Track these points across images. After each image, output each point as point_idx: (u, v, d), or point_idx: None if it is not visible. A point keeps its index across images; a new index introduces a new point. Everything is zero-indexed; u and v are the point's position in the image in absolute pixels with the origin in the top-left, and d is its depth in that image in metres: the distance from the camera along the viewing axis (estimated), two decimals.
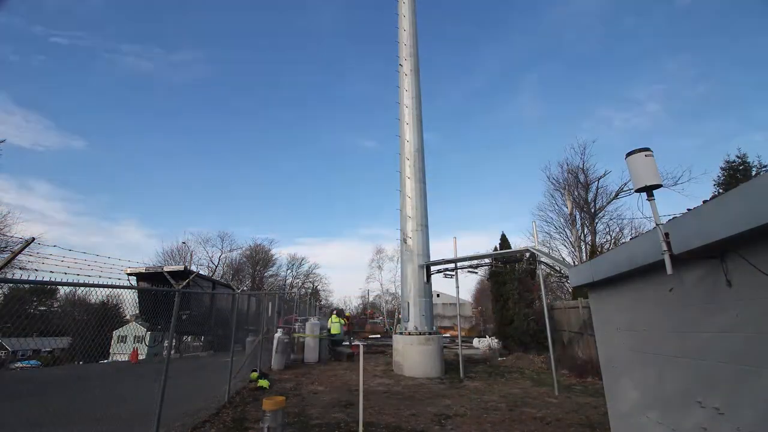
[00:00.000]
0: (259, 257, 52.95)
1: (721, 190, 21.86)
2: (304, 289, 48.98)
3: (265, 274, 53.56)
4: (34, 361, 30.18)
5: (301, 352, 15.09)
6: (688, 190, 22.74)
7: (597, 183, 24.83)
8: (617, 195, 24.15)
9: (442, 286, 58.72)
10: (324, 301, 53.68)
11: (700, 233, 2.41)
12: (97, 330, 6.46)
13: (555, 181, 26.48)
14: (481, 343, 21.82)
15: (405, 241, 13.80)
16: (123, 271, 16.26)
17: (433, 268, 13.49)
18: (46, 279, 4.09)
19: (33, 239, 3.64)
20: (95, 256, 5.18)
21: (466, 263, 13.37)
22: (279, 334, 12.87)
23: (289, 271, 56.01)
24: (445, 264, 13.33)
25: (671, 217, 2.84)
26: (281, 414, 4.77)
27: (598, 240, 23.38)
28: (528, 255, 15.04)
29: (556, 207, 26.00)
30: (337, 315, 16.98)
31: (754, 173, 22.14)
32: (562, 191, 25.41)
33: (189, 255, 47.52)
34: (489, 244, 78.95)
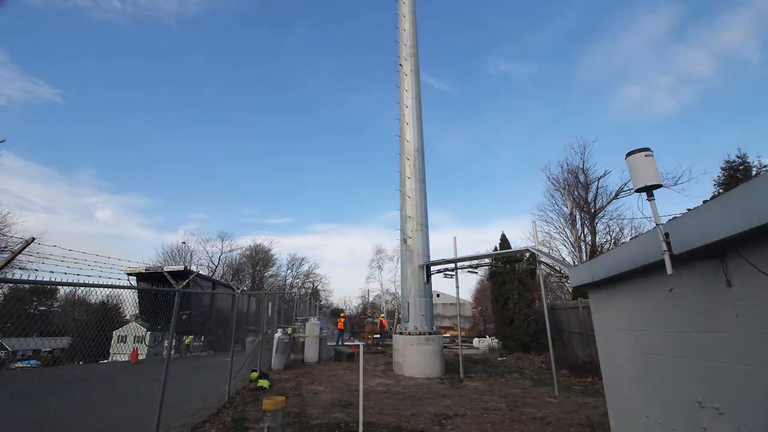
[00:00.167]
0: (259, 257, 52.95)
1: (721, 190, 21.84)
2: (304, 289, 48.97)
3: (265, 274, 53.55)
4: (34, 361, 30.18)
5: (301, 352, 15.11)
6: (688, 190, 22.76)
7: (597, 183, 24.85)
8: (617, 195, 24.16)
9: (442, 286, 58.75)
10: (324, 301, 53.66)
11: (700, 233, 2.41)
12: (97, 330, 6.46)
13: (555, 181, 26.51)
14: (481, 343, 21.85)
15: (405, 241, 13.80)
16: (123, 271, 16.29)
17: (433, 268, 13.49)
18: (46, 279, 4.09)
19: (33, 239, 3.64)
20: (95, 256, 5.19)
21: (466, 263, 13.37)
22: (279, 334, 12.88)
23: (289, 271, 56.03)
24: (445, 264, 13.33)
25: (671, 217, 2.84)
26: (281, 414, 4.78)
27: (598, 240, 23.39)
28: (528, 255, 15.04)
29: (556, 207, 26.02)
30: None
31: (754, 173, 22.15)
32: (562, 191, 25.43)
33: (189, 255, 47.57)
34: (489, 244, 78.90)
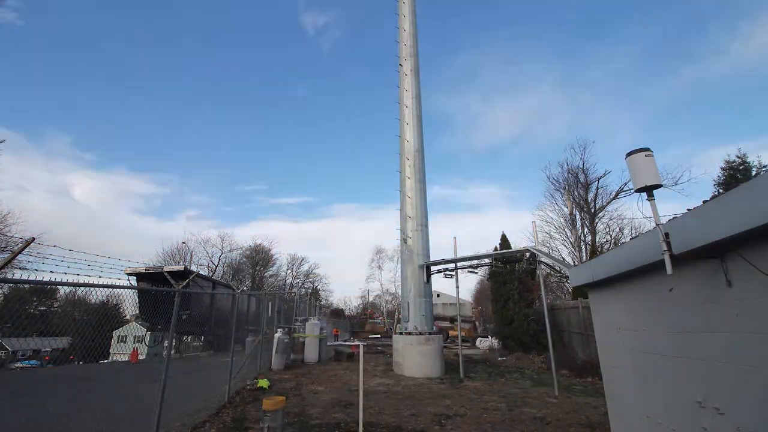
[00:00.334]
0: (259, 257, 52.96)
1: (721, 190, 21.84)
2: (304, 289, 48.96)
3: (265, 274, 53.55)
4: (34, 361, 30.17)
5: (301, 352, 15.11)
6: (688, 190, 22.74)
7: (597, 183, 24.85)
8: (617, 195, 24.16)
9: (442, 286, 58.67)
10: (324, 301, 53.66)
11: (700, 233, 2.41)
12: (97, 330, 6.46)
13: (555, 181, 26.50)
14: (482, 343, 21.89)
15: (405, 241, 13.80)
16: (123, 271, 16.30)
17: (433, 268, 13.49)
18: (46, 279, 4.09)
19: (33, 239, 3.64)
20: (95, 256, 5.19)
21: (466, 263, 13.37)
22: (279, 334, 12.88)
23: (289, 271, 56.02)
24: (445, 264, 13.33)
25: (671, 217, 2.84)
26: (281, 414, 4.78)
27: (598, 240, 23.38)
28: (528, 255, 15.05)
29: (556, 207, 26.01)
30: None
31: (754, 173, 22.15)
32: (562, 191, 25.42)
33: (189, 255, 47.54)
34: (489, 243, 78.78)
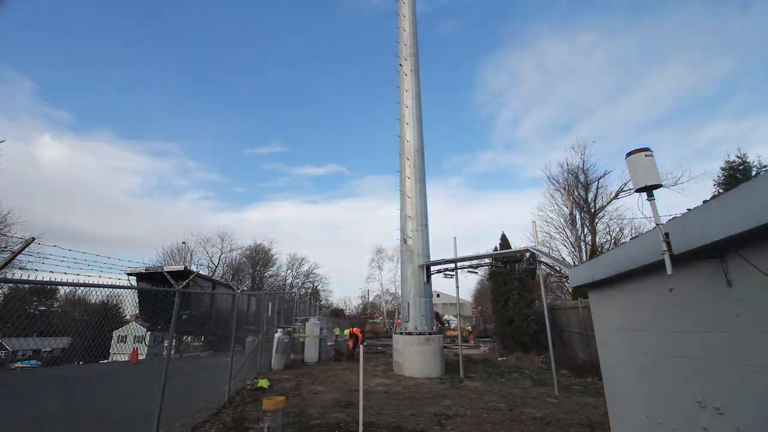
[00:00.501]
0: (259, 257, 52.95)
1: (721, 190, 21.84)
2: (304, 289, 48.95)
3: (265, 274, 53.53)
4: (34, 361, 30.15)
5: (301, 352, 15.11)
6: (688, 190, 22.70)
7: (597, 183, 24.86)
8: (617, 195, 24.17)
9: (442, 286, 58.72)
10: (324, 301, 53.65)
11: (700, 233, 2.41)
12: (97, 330, 6.46)
13: (555, 181, 26.50)
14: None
15: (405, 241, 13.80)
16: (123, 271, 16.32)
17: (433, 268, 13.49)
18: (46, 279, 4.09)
19: (33, 239, 3.64)
20: (95, 256, 5.19)
21: (466, 263, 13.37)
22: (279, 334, 12.88)
23: (289, 271, 56.02)
24: (445, 264, 13.33)
25: (671, 217, 2.84)
26: (281, 414, 4.78)
27: (598, 240, 23.38)
28: (528, 255, 15.04)
29: (556, 207, 26.00)
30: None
31: (754, 173, 22.14)
32: (562, 191, 25.43)
33: (189, 255, 47.54)
34: (489, 244, 78.68)
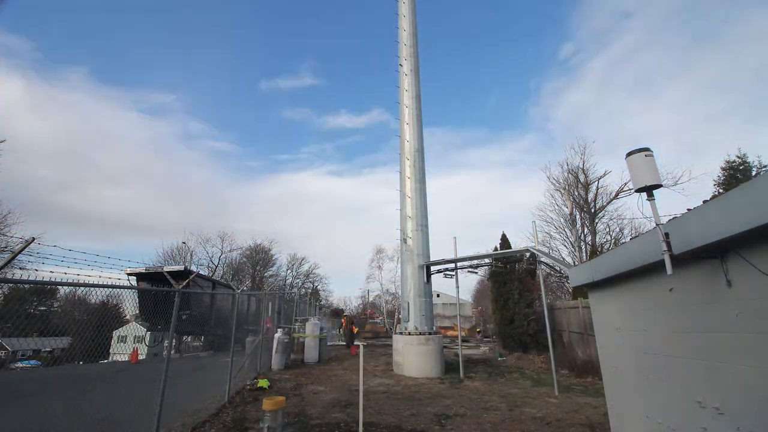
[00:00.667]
0: (259, 257, 52.95)
1: (721, 190, 21.85)
2: (304, 289, 48.96)
3: (265, 274, 53.52)
4: (34, 361, 30.16)
5: (301, 352, 15.11)
6: (688, 190, 22.72)
7: (597, 183, 24.88)
8: (617, 195, 24.18)
9: (442, 286, 58.60)
10: (324, 301, 53.65)
11: (700, 233, 2.41)
12: (97, 330, 6.46)
13: (555, 181, 26.52)
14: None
15: (405, 241, 13.80)
16: (123, 271, 16.32)
17: (433, 268, 13.49)
18: (46, 279, 4.08)
19: (33, 239, 3.64)
20: (95, 256, 5.18)
21: (466, 263, 13.36)
22: (279, 334, 12.87)
23: (289, 271, 56.01)
24: (445, 264, 13.32)
25: (671, 217, 2.84)
26: (281, 414, 4.77)
27: (598, 240, 23.40)
28: (528, 255, 15.03)
29: (556, 207, 26.02)
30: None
31: (754, 173, 22.16)
32: (562, 191, 25.43)
33: (189, 255, 47.52)
34: (489, 244, 78.53)
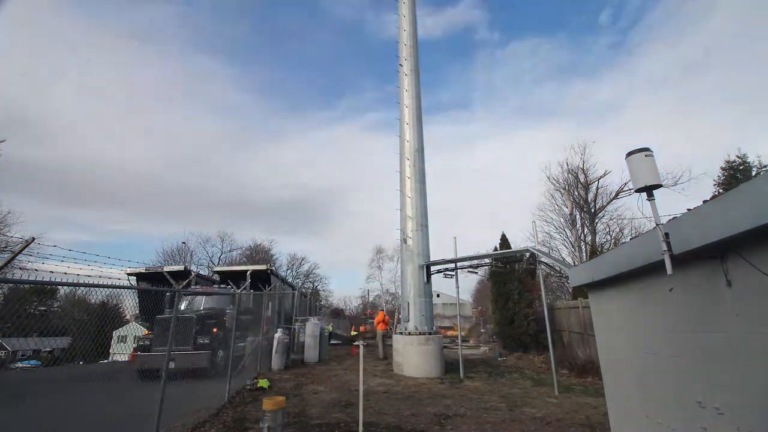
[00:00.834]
0: (259, 257, 52.96)
1: (721, 190, 21.87)
2: (304, 289, 48.94)
3: None
4: (34, 361, 30.17)
5: (301, 352, 15.11)
6: (688, 190, 22.74)
7: (597, 183, 24.92)
8: (617, 195, 24.22)
9: (442, 286, 58.54)
10: (324, 301, 53.65)
11: (700, 233, 2.40)
12: (97, 330, 6.46)
13: (555, 181, 26.54)
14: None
15: (405, 241, 13.80)
16: (123, 271, 16.31)
17: (433, 268, 13.49)
18: (46, 279, 4.08)
19: (33, 239, 3.63)
20: (95, 256, 5.18)
21: (466, 263, 13.37)
22: (279, 334, 12.87)
23: (289, 271, 56.00)
24: (445, 264, 13.33)
25: (671, 217, 2.84)
26: (281, 414, 4.77)
27: (598, 240, 23.41)
28: (528, 255, 15.04)
29: (556, 207, 26.04)
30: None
31: (754, 173, 22.19)
32: (562, 191, 25.45)
33: (189, 255, 47.57)
34: (489, 243, 78.50)
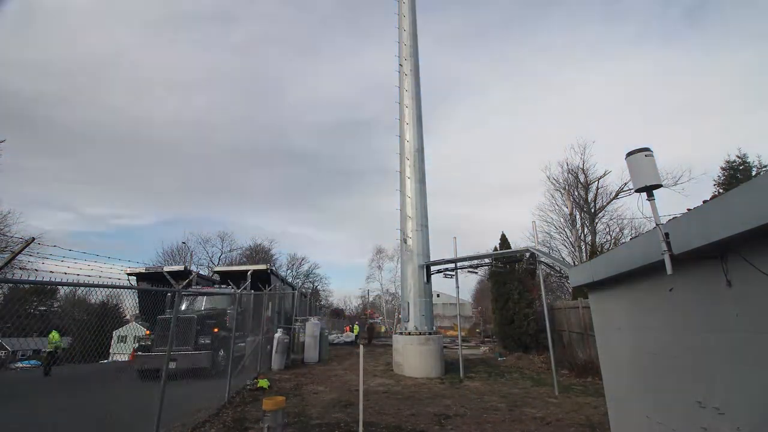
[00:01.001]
0: (259, 257, 52.95)
1: (721, 190, 21.88)
2: (304, 289, 48.92)
3: None
4: (34, 361, 30.15)
5: (301, 352, 15.11)
6: (688, 190, 22.73)
7: (597, 183, 24.90)
8: (617, 195, 24.21)
9: (442, 286, 58.60)
10: (324, 301, 53.63)
11: (700, 233, 2.40)
12: (97, 330, 6.45)
13: (555, 181, 26.52)
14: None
15: (405, 241, 13.80)
16: (123, 272, 16.31)
17: (433, 268, 13.49)
18: (46, 279, 4.08)
19: (33, 239, 3.64)
20: (95, 256, 5.18)
21: (466, 263, 13.37)
22: (279, 334, 12.88)
23: (289, 271, 55.97)
24: (445, 264, 13.33)
25: (671, 217, 2.84)
26: (281, 414, 4.78)
27: (598, 240, 23.39)
28: (528, 255, 15.04)
29: (556, 207, 26.03)
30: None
31: (754, 173, 22.20)
32: (562, 191, 25.45)
33: (189, 255, 47.55)
34: (489, 243, 78.49)
